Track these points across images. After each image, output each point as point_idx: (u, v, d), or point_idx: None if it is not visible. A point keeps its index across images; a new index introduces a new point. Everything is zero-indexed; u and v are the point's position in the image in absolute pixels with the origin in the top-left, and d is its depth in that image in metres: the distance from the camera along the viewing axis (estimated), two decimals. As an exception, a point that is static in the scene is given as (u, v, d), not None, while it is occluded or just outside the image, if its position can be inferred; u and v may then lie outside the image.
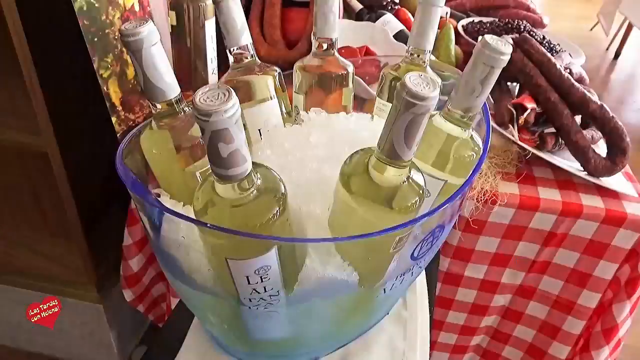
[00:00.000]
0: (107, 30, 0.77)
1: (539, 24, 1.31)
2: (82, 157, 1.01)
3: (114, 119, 0.82)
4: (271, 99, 0.54)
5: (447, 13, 1.29)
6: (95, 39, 0.76)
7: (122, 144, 0.44)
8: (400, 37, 1.03)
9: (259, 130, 0.54)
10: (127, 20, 0.83)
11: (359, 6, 1.08)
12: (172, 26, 0.85)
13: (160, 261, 0.45)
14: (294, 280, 0.42)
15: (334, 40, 0.58)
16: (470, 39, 1.19)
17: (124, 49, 0.81)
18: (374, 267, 0.44)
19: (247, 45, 0.54)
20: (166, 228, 0.39)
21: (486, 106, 0.50)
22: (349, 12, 1.09)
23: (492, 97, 0.88)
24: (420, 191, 0.41)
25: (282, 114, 0.56)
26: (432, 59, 0.87)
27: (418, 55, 0.58)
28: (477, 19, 1.30)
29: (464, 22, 1.27)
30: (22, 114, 0.88)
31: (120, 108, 0.83)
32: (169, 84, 0.43)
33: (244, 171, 0.35)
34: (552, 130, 0.82)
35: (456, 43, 1.22)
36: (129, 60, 0.83)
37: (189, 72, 0.90)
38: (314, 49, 0.59)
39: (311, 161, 0.48)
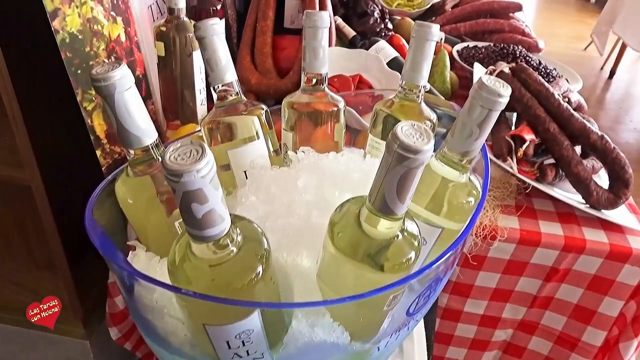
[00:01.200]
0: (91, 62, 0.75)
1: (534, 48, 1.29)
2: (67, 190, 0.98)
3: (98, 152, 0.79)
4: (257, 138, 0.52)
5: (441, 39, 1.28)
6: (79, 71, 0.73)
7: (93, 197, 0.41)
8: (394, 64, 1.01)
9: (245, 172, 0.51)
10: (113, 52, 0.80)
11: (352, 33, 1.06)
12: (159, 57, 0.83)
13: (134, 320, 0.42)
14: (279, 342, 0.39)
15: (323, 75, 0.55)
16: (465, 65, 1.17)
17: (109, 81, 0.79)
18: (367, 326, 0.41)
19: (232, 82, 0.51)
20: (139, 290, 0.36)
21: (484, 147, 0.48)
22: (341, 39, 1.08)
23: (489, 126, 0.85)
24: (416, 243, 0.38)
25: (269, 152, 0.54)
26: (428, 87, 0.84)
27: (412, 90, 0.55)
28: (472, 44, 1.29)
29: (459, 47, 1.26)
30: (5, 146, 0.85)
31: (105, 141, 0.80)
32: (144, 130, 0.40)
33: (220, 231, 0.32)
34: (552, 160, 0.80)
35: (451, 68, 1.20)
36: (115, 92, 0.80)
37: (176, 103, 0.87)
38: (303, 83, 0.56)
39: (299, 207, 0.45)
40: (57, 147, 0.88)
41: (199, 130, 0.53)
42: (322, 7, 1.01)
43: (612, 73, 3.53)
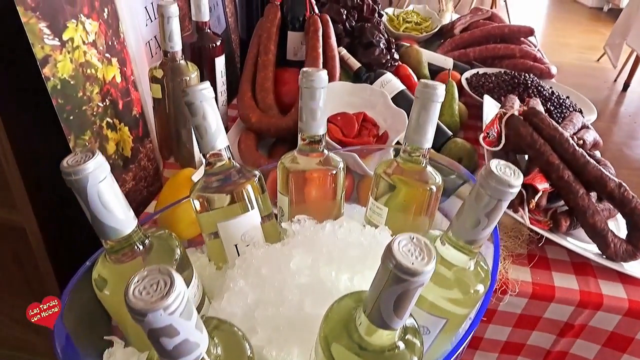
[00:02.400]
0: (84, 107, 0.72)
1: (546, 74, 1.25)
2: (61, 230, 0.96)
3: (92, 198, 0.77)
4: (250, 209, 0.48)
5: (449, 69, 1.24)
6: (71, 117, 0.71)
7: (66, 292, 0.37)
8: (400, 98, 0.97)
9: (236, 245, 0.47)
10: (108, 95, 0.78)
11: (357, 65, 1.03)
12: (154, 98, 0.80)
13: None
14: None
15: (321, 135, 0.52)
16: (474, 95, 1.13)
17: (102, 124, 0.76)
18: None
19: (222, 149, 0.48)
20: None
21: (496, 231, 0.44)
22: (346, 71, 1.04)
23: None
24: (418, 344, 0.35)
25: (262, 221, 0.50)
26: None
27: (416, 153, 0.51)
28: (482, 71, 1.25)
29: (468, 74, 1.22)
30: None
31: (99, 185, 0.77)
32: (121, 220, 0.36)
33: (196, 357, 0.28)
34: (566, 207, 0.75)
35: (460, 96, 1.16)
36: (109, 135, 0.78)
37: (172, 143, 0.84)
38: (299, 143, 0.53)
39: (291, 292, 0.41)
40: (50, 188, 0.86)
41: (189, 197, 0.49)
42: (326, 38, 0.98)
43: (626, 86, 3.46)
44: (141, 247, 0.39)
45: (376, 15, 1.16)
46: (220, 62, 0.89)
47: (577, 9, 5.36)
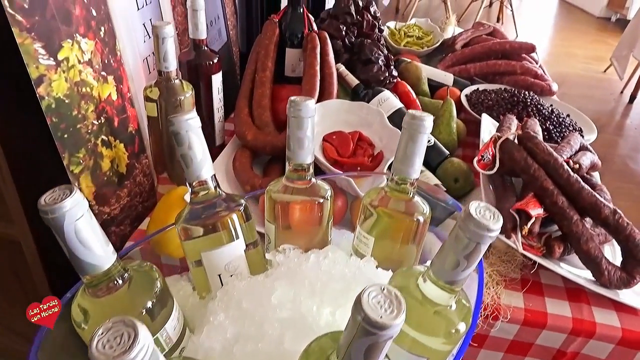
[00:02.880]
0: (78, 126, 0.72)
1: (547, 91, 1.25)
2: (56, 245, 0.96)
3: (86, 214, 0.77)
4: (235, 239, 0.48)
5: (449, 85, 1.24)
6: (65, 136, 0.71)
7: (38, 339, 0.37)
8: (397, 116, 0.97)
9: (219, 275, 0.47)
10: (103, 112, 0.78)
11: (355, 81, 1.03)
12: (148, 116, 0.80)
13: None
14: None
15: (309, 164, 0.52)
16: (473, 112, 1.13)
17: (97, 142, 0.76)
18: None
19: (208, 178, 0.48)
20: None
21: (481, 265, 0.44)
22: (344, 87, 1.04)
23: (495, 193, 0.81)
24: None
25: (247, 249, 0.50)
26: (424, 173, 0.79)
27: (404, 183, 0.51)
28: (482, 87, 1.24)
29: (468, 90, 1.22)
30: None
31: (93, 202, 0.78)
32: (100, 256, 0.36)
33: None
34: (560, 232, 0.75)
35: (459, 113, 1.16)
36: (103, 152, 0.78)
37: (165, 160, 0.84)
38: (287, 170, 0.53)
39: (272, 327, 0.41)
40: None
41: (174, 224, 0.49)
42: (324, 55, 0.98)
43: (633, 98, 3.44)
44: (120, 281, 0.38)
45: (376, 30, 1.16)
46: (217, 79, 0.89)
47: (584, 18, 5.34)
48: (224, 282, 0.46)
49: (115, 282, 0.38)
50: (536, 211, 0.70)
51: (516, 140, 0.76)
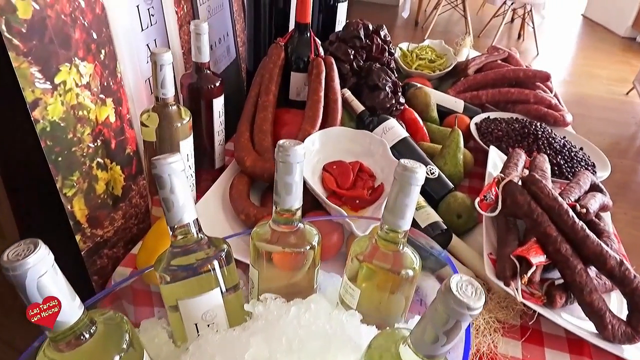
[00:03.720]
0: (73, 149, 0.72)
1: (560, 122, 1.22)
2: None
3: (77, 237, 0.77)
4: (214, 287, 0.47)
5: (459, 112, 1.22)
6: (60, 159, 0.71)
7: None
8: (402, 146, 0.95)
9: (196, 324, 0.46)
10: (100, 135, 0.78)
11: (360, 108, 1.01)
12: (144, 140, 0.80)
13: None
14: None
15: (296, 209, 0.51)
16: (481, 142, 1.11)
17: (92, 164, 0.76)
18: None
19: (190, 223, 0.47)
20: None
21: (468, 332, 0.42)
22: (349, 113, 1.03)
23: (496, 234, 0.78)
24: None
25: (225, 295, 0.49)
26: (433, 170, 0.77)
27: (394, 234, 0.50)
28: (493, 115, 1.22)
29: (478, 118, 1.20)
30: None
31: (85, 225, 0.77)
32: (64, 312, 0.35)
33: None
34: (559, 280, 0.72)
35: (468, 140, 1.14)
36: (98, 175, 0.78)
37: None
38: (273, 214, 0.52)
39: (243, 386, 0.40)
40: (38, 222, 0.86)
41: (152, 267, 0.48)
42: (330, 81, 0.97)
43: (655, 123, 3.36)
44: (87, 335, 0.37)
45: (386, 54, 1.15)
46: (218, 103, 0.89)
47: (608, 38, 5.26)
48: (200, 332, 0.45)
49: (82, 336, 0.37)
50: (538, 259, 0.68)
51: (520, 182, 0.74)
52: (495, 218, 0.77)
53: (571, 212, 0.69)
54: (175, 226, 0.47)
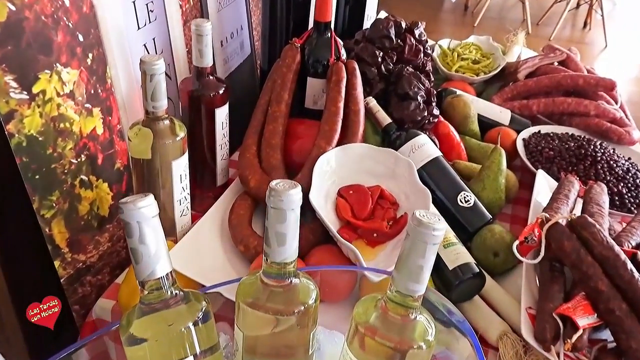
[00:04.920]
0: (53, 165, 0.71)
1: (626, 140, 1.15)
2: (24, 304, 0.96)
3: (57, 263, 0.76)
4: (189, 353, 0.44)
5: (504, 124, 1.16)
6: (37, 177, 0.70)
7: None
8: (433, 167, 0.91)
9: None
10: (84, 149, 0.77)
11: (386, 120, 0.97)
12: (132, 158, 0.78)
13: None
14: None
15: (290, 262, 0.48)
16: (529, 163, 1.05)
17: (75, 182, 0.75)
18: None
19: (162, 277, 0.44)
20: None
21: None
22: (373, 125, 0.99)
23: (539, 283, 0.74)
24: None
25: (203, 353, 0.46)
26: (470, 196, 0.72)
27: (406, 299, 0.46)
28: (545, 129, 1.17)
29: (527, 133, 1.15)
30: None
31: (66, 250, 0.76)
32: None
33: None
34: (612, 343, 0.67)
35: (513, 159, 1.09)
36: (82, 194, 0.77)
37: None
38: (264, 265, 0.49)
39: None
40: (12, 247, 0.86)
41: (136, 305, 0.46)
42: (351, 89, 0.93)
43: None
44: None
45: (421, 55, 1.10)
46: (221, 113, 0.86)
47: (692, 28, 5.02)
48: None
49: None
50: (586, 320, 0.63)
51: (569, 223, 0.69)
52: (539, 263, 0.72)
53: (630, 265, 0.64)
54: (145, 281, 0.44)
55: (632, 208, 0.97)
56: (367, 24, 1.23)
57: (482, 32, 1.71)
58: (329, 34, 0.95)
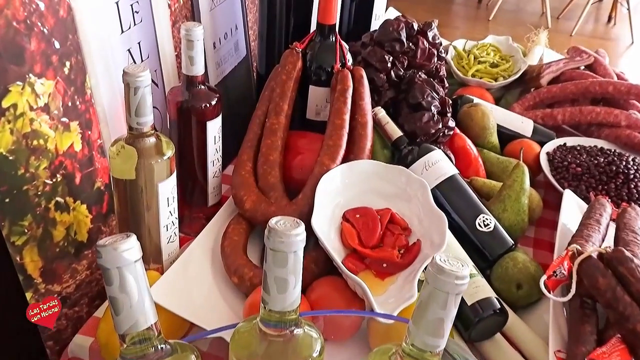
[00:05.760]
0: (25, 187, 0.69)
1: (661, 155, 1.13)
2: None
3: (28, 295, 0.74)
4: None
5: (526, 136, 1.14)
6: (7, 200, 0.68)
7: None
8: (449, 186, 0.89)
9: None
10: (60, 168, 0.75)
11: (397, 133, 0.95)
12: (114, 178, 0.76)
13: None
14: None
15: (292, 310, 0.46)
16: (554, 181, 1.03)
17: (49, 205, 0.73)
18: None
19: (146, 328, 0.42)
20: None
21: None
22: (381, 138, 0.97)
23: (568, 321, 0.71)
24: None
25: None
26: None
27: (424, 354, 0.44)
28: (571, 141, 1.15)
29: (551, 146, 1.13)
30: None
31: (39, 280, 0.74)
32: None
33: None
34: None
35: (536, 175, 1.07)
36: (57, 218, 0.74)
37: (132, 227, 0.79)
38: (262, 311, 0.47)
39: None
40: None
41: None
42: (358, 99, 0.91)
43: None
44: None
45: (434, 60, 1.08)
46: (213, 126, 0.84)
47: None
48: None
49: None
50: (622, 367, 0.61)
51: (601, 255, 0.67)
52: (568, 303, 0.70)
53: (672, 305, 0.62)
54: (126, 333, 0.42)
55: (669, 232, 0.94)
56: (375, 24, 1.21)
57: (498, 26, 1.67)
58: (334, 38, 0.93)
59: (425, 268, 0.73)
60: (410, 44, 1.05)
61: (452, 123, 1.00)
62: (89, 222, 0.80)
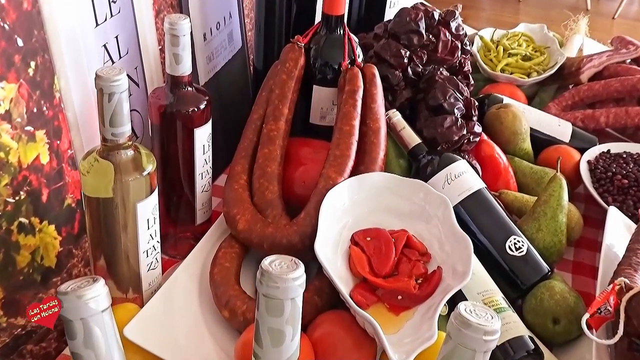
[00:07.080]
0: (-18, 208, 0.68)
1: None
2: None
3: (-14, 330, 0.73)
4: None
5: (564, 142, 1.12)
6: (-38, 224, 0.67)
7: None
8: (475, 202, 0.88)
9: None
10: (24, 184, 0.73)
11: (414, 140, 0.93)
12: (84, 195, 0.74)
13: None
14: None
15: None
16: (597, 196, 1.01)
17: (12, 227, 0.72)
18: None
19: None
20: None
21: None
22: (397, 148, 0.95)
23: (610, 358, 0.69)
24: None
25: None
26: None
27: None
28: (615, 147, 1.14)
29: (592, 153, 1.12)
30: None
31: (0, 313, 0.73)
32: None
33: None
34: None
35: (575, 187, 1.05)
36: (20, 242, 0.73)
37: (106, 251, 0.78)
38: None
39: None
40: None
41: None
42: (369, 101, 0.90)
43: None
44: None
45: (458, 54, 1.07)
46: (202, 134, 0.83)
47: None
48: None
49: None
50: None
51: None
52: (615, 347, 0.68)
53: None
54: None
55: None
56: (389, 13, 1.19)
57: (530, 8, 1.64)
58: (342, 31, 0.92)
59: (446, 301, 0.72)
60: (431, 36, 1.04)
61: (478, 128, 0.99)
62: (58, 245, 0.79)
